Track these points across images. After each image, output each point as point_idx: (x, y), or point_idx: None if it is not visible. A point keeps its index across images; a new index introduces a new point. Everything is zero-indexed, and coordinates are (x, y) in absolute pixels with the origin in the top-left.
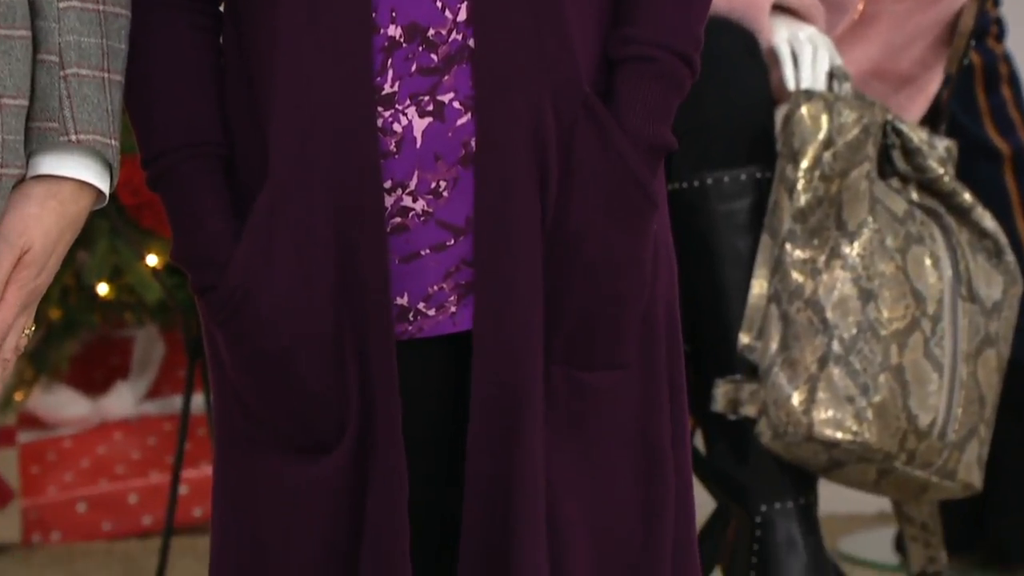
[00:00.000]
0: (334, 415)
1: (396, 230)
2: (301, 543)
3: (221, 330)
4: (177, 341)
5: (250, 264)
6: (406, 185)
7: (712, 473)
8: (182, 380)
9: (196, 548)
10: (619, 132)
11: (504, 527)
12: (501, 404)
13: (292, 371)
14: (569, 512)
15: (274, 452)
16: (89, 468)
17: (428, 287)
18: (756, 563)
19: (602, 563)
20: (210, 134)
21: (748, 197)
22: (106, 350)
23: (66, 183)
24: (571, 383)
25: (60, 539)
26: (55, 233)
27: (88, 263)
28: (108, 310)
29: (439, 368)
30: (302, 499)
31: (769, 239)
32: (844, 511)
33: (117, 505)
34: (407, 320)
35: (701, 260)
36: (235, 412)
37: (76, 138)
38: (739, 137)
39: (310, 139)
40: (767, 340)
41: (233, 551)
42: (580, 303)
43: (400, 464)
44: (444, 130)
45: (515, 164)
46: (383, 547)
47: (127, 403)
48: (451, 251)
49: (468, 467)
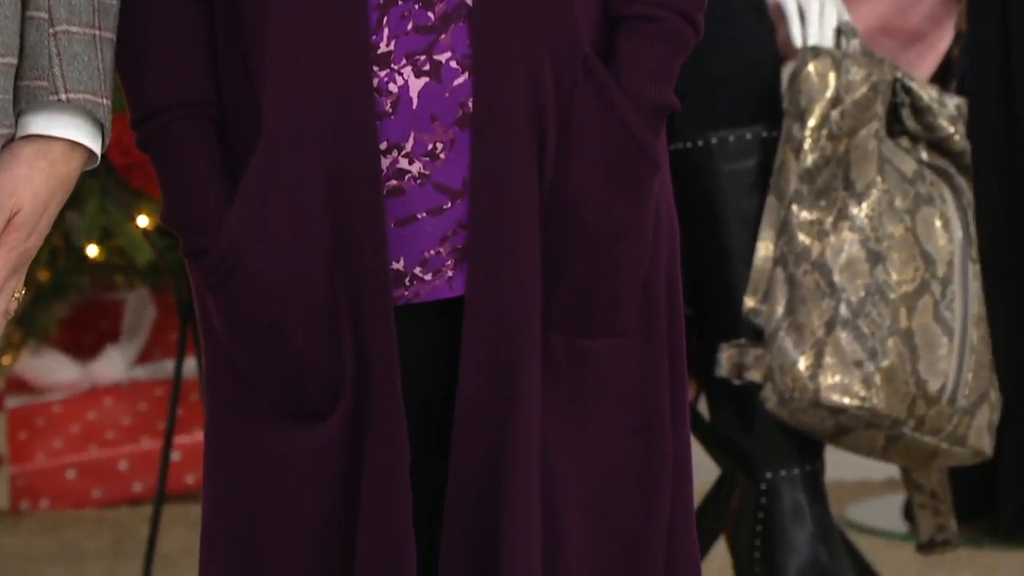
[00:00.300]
0: (328, 383)
1: (392, 193)
2: (295, 512)
3: (212, 295)
4: (168, 304)
5: (242, 227)
6: (402, 147)
7: (716, 440)
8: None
9: (188, 516)
10: (620, 93)
11: (493, 497)
12: (495, 370)
13: (285, 337)
14: (565, 483)
15: (267, 420)
16: (79, 434)
17: (424, 251)
18: (761, 532)
19: (597, 534)
20: (203, 94)
21: (753, 157)
22: (96, 313)
23: (56, 143)
24: (570, 351)
25: (49, 506)
26: (45, 194)
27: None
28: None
29: (435, 335)
30: (296, 468)
31: (775, 200)
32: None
33: (107, 472)
34: (403, 285)
35: (705, 222)
36: (227, 379)
37: (66, 97)
38: (744, 95)
39: (304, 99)
40: (773, 303)
41: (226, 520)
42: (580, 269)
43: (400, 430)
44: (441, 90)
45: (514, 125)
46: (383, 514)
47: (117, 367)
48: (448, 214)
49: (455, 434)
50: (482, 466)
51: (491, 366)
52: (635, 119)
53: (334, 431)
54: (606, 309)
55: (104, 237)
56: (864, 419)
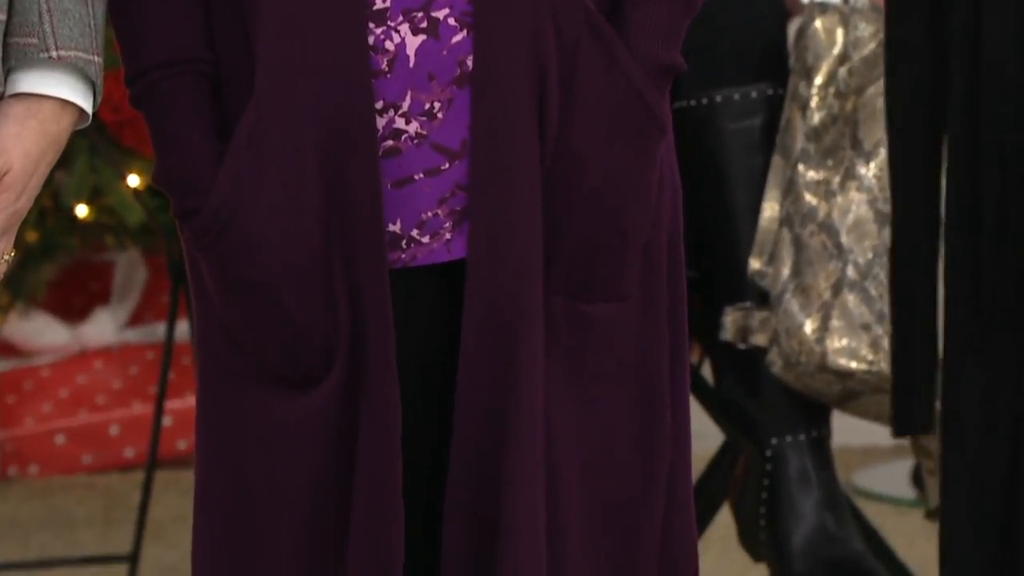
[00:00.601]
0: (323, 347)
1: (388, 153)
2: (290, 478)
3: (204, 257)
4: (160, 265)
5: (234, 187)
6: (398, 106)
7: (720, 405)
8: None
9: (180, 482)
10: (625, 52)
11: (496, 460)
12: (497, 332)
13: (279, 301)
14: (564, 446)
15: (260, 385)
16: (68, 398)
17: (422, 213)
18: (766, 499)
19: (595, 497)
20: (197, 51)
21: (759, 115)
22: (85, 275)
23: (47, 101)
24: (570, 314)
25: (38, 472)
26: (36, 154)
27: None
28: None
29: (432, 299)
30: (290, 433)
31: (781, 159)
32: (859, 444)
33: (97, 437)
34: (400, 248)
35: (709, 182)
36: (219, 343)
37: (57, 54)
38: (750, 52)
39: (298, 57)
40: (778, 265)
41: (219, 488)
42: (582, 231)
43: (393, 395)
44: (439, 48)
45: (514, 84)
46: (377, 481)
47: (108, 330)
48: (445, 175)
49: (458, 397)
50: (484, 429)
51: (493, 328)
52: (642, 78)
53: (328, 396)
54: (608, 273)
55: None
56: (872, 383)
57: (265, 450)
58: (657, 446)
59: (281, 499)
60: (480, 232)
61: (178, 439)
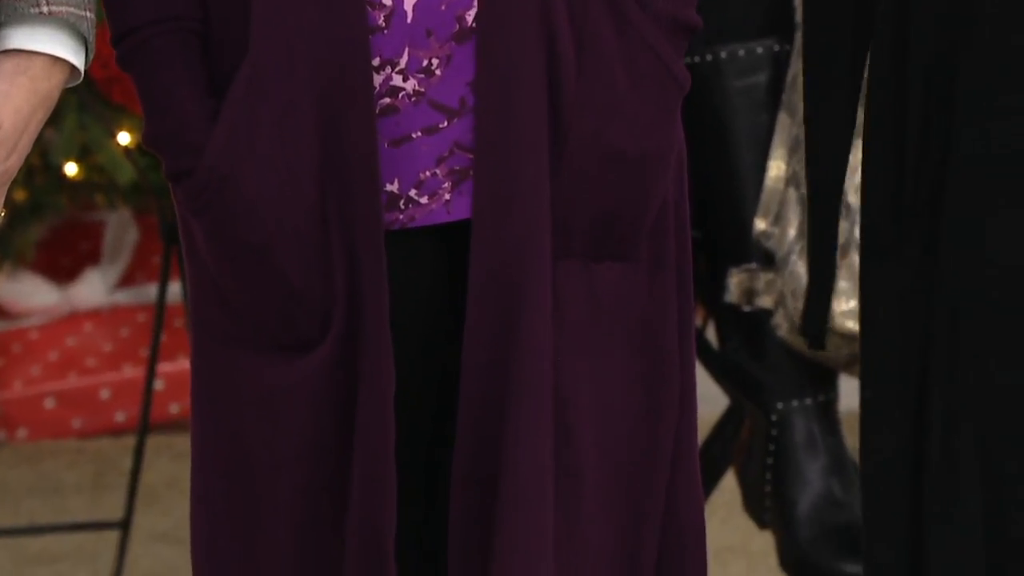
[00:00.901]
0: (318, 309)
1: (385, 111)
2: (287, 444)
3: (197, 219)
4: (151, 225)
5: (228, 147)
6: (396, 63)
7: (725, 369)
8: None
9: (173, 447)
10: (636, 9)
11: (499, 420)
12: (502, 292)
13: (274, 264)
14: (580, 412)
15: (255, 349)
16: (57, 361)
17: (420, 173)
18: (772, 464)
19: (608, 462)
20: (186, 8)
21: (765, 72)
22: (75, 234)
23: (38, 58)
24: (579, 276)
25: (27, 436)
26: (26, 111)
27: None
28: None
29: (432, 261)
30: (286, 399)
31: (787, 117)
32: None
33: (88, 401)
34: (398, 208)
35: (714, 140)
36: (213, 307)
37: (48, 10)
38: (755, 7)
39: (293, 12)
40: (785, 226)
41: (215, 454)
42: (603, 192)
43: (387, 359)
44: (436, 3)
45: (520, 38)
46: (370, 446)
47: (98, 291)
48: (444, 134)
49: (464, 358)
50: (490, 389)
51: (498, 288)
52: (655, 34)
53: (324, 360)
54: (626, 232)
55: (83, 154)
56: None
57: (261, 415)
58: (665, 410)
59: (279, 464)
60: (484, 191)
61: (170, 403)
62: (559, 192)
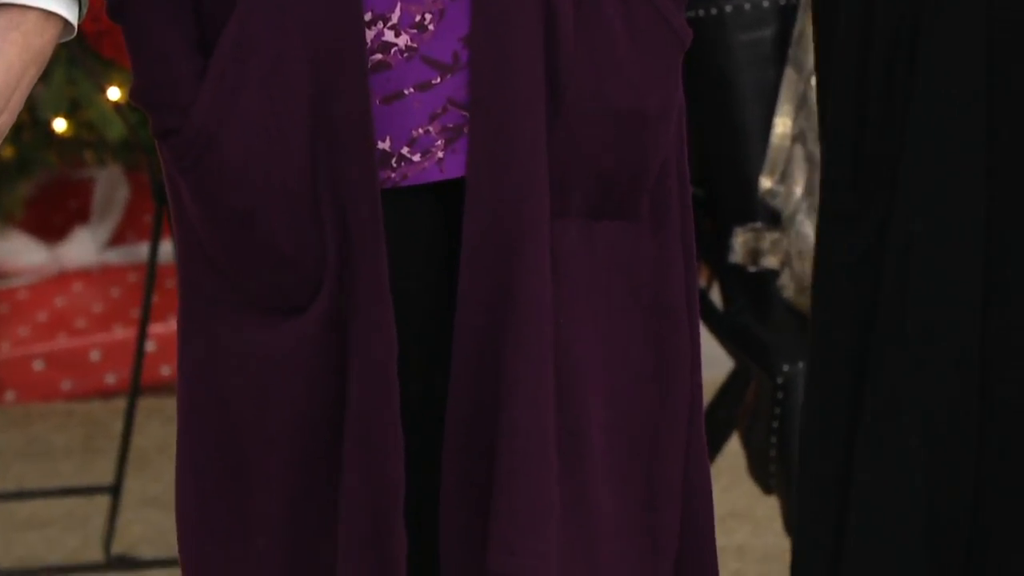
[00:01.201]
0: (309, 274)
1: (377, 67)
2: (278, 410)
3: (184, 179)
4: (142, 183)
5: (215, 105)
6: (387, 18)
7: (730, 331)
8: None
9: (164, 409)
10: None
11: (495, 383)
12: (498, 250)
13: (263, 224)
14: (589, 378)
15: (244, 313)
16: (46, 322)
17: (412, 130)
18: (777, 428)
19: (619, 427)
20: None
21: (770, 26)
22: (64, 192)
23: (30, 12)
24: (578, 235)
25: (15, 399)
26: (18, 67)
27: (43, 96)
28: (66, 148)
29: (426, 220)
30: (277, 364)
31: (794, 73)
32: None
33: (77, 362)
34: (390, 166)
35: (718, 96)
36: (201, 270)
37: None
38: None
39: None
40: (791, 184)
41: (203, 421)
42: (596, 151)
43: (387, 320)
44: None
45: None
46: (370, 410)
47: (88, 250)
48: (437, 90)
49: (458, 319)
50: (486, 352)
51: (494, 246)
52: None
53: (316, 323)
54: (627, 191)
55: (72, 110)
56: None
57: (251, 381)
58: (675, 371)
59: (269, 432)
60: (479, 148)
61: (162, 365)
62: (556, 150)
